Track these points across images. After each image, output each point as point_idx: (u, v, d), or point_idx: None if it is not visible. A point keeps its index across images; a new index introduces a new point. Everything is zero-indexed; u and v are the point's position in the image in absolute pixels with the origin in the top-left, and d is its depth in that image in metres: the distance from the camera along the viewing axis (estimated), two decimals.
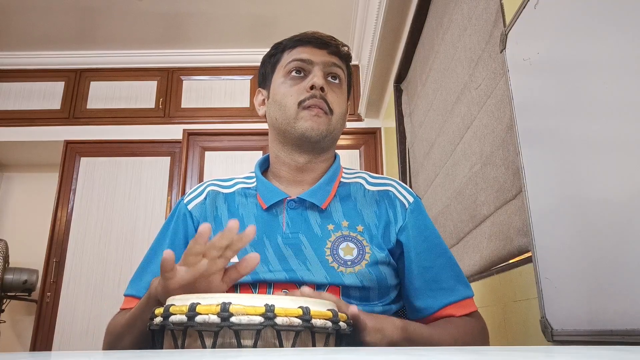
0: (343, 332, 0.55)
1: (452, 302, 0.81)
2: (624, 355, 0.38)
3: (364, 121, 3.30)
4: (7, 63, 3.45)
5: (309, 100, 0.85)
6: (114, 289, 2.94)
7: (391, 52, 2.58)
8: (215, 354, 0.42)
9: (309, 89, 0.86)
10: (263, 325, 0.49)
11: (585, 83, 0.76)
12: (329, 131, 0.87)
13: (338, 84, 0.90)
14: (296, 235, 0.83)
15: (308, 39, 0.90)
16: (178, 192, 3.14)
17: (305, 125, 0.85)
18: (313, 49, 0.89)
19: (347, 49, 0.93)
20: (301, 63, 0.88)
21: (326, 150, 0.90)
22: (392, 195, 0.89)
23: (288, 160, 0.89)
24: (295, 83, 0.88)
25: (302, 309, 0.51)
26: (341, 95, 0.91)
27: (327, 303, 0.56)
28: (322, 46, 0.90)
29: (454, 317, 0.81)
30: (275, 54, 0.94)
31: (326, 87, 0.87)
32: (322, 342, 0.53)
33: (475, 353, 0.39)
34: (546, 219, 0.90)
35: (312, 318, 0.51)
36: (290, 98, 0.86)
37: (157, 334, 0.55)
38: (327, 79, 0.89)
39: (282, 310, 0.50)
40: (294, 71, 0.89)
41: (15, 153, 3.56)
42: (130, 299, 0.84)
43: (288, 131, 0.87)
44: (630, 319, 0.66)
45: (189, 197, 0.92)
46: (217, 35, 3.29)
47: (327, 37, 0.92)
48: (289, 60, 0.90)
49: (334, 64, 0.90)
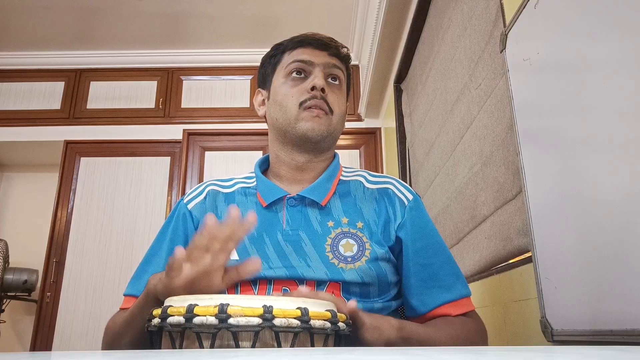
0: (342, 332, 0.55)
1: (448, 301, 0.81)
2: (624, 355, 0.38)
3: (364, 121, 3.30)
4: (7, 63, 3.45)
5: (310, 101, 0.85)
6: (114, 289, 2.94)
7: (391, 52, 2.58)
8: (215, 354, 0.42)
9: (310, 90, 0.86)
10: (261, 327, 0.48)
11: (585, 83, 0.76)
12: (329, 131, 0.87)
13: (338, 85, 0.91)
14: (296, 232, 0.83)
15: (309, 40, 0.91)
16: (178, 192, 3.14)
17: (307, 125, 0.85)
18: (314, 51, 0.90)
19: (347, 50, 0.94)
20: (302, 64, 0.89)
21: (326, 150, 0.91)
22: (392, 193, 0.89)
23: (288, 160, 0.90)
24: (296, 84, 0.88)
25: (301, 310, 0.51)
26: (341, 96, 0.91)
27: (326, 303, 0.56)
28: (323, 48, 0.90)
29: (451, 316, 0.81)
30: (275, 55, 0.94)
31: (327, 88, 0.87)
32: (320, 343, 0.53)
33: (475, 353, 0.39)
34: (546, 219, 0.90)
35: (311, 319, 0.50)
36: (291, 99, 0.87)
37: (155, 335, 0.55)
38: (328, 80, 0.90)
39: (280, 311, 0.49)
40: (295, 72, 0.89)
41: (15, 153, 3.56)
42: (130, 298, 0.84)
43: (289, 131, 0.87)
44: (630, 319, 0.66)
45: (189, 197, 0.93)
46: (217, 35, 3.29)
47: (328, 38, 0.92)
48: (289, 61, 0.90)
49: (334, 65, 0.90)
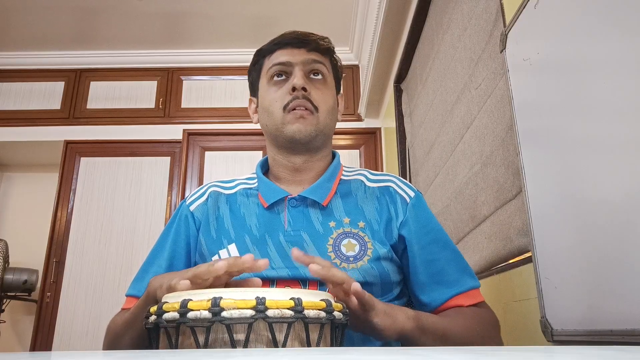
0: (338, 321, 0.55)
1: (458, 293, 0.81)
2: (624, 355, 0.38)
3: (364, 121, 3.30)
4: (7, 63, 3.45)
5: (292, 103, 0.85)
6: (114, 289, 2.94)
7: (391, 52, 2.58)
8: (214, 354, 0.42)
9: (291, 91, 0.85)
10: (254, 319, 0.49)
11: (585, 83, 0.76)
12: (317, 130, 0.86)
13: (322, 80, 0.90)
14: (298, 232, 0.83)
15: (286, 40, 0.90)
16: (178, 192, 3.14)
17: (293, 128, 0.85)
18: (292, 50, 0.89)
19: (326, 42, 0.92)
20: (281, 66, 0.88)
21: (321, 148, 0.90)
22: (393, 191, 0.89)
23: (285, 162, 0.90)
24: (279, 87, 0.88)
25: (294, 300, 0.51)
26: (326, 91, 0.90)
27: (321, 293, 0.56)
28: (301, 45, 0.89)
29: (463, 307, 0.80)
30: (258, 61, 0.94)
31: (308, 85, 0.86)
32: (316, 332, 0.53)
33: (475, 353, 0.39)
34: (546, 219, 0.90)
35: (305, 309, 0.51)
36: (275, 103, 0.87)
37: (153, 332, 0.56)
38: (310, 76, 0.88)
39: (273, 302, 0.50)
40: (275, 75, 0.89)
41: (15, 153, 3.56)
42: (132, 299, 0.85)
43: (278, 136, 0.87)
44: (630, 319, 0.66)
45: (191, 198, 0.93)
46: (217, 35, 3.29)
47: (304, 34, 0.91)
48: (269, 66, 0.90)
49: (314, 60, 0.89)
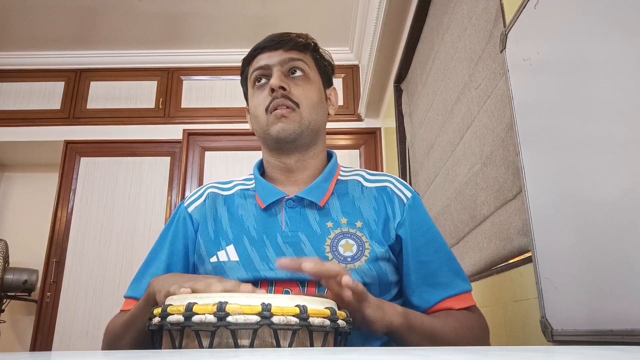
0: (342, 330, 0.55)
1: (450, 296, 0.81)
2: (624, 355, 0.38)
3: (364, 121, 3.30)
4: (7, 63, 3.45)
5: (272, 103, 0.86)
6: (114, 289, 2.94)
7: (391, 52, 2.58)
8: (214, 354, 0.42)
9: (271, 92, 0.86)
10: (259, 325, 0.49)
11: (585, 83, 0.76)
12: (302, 126, 0.86)
13: (302, 76, 0.90)
14: (295, 233, 0.83)
15: (263, 44, 0.91)
16: (178, 192, 3.14)
17: (276, 128, 0.85)
18: (269, 53, 0.90)
19: (304, 39, 0.92)
20: (261, 70, 0.90)
21: (311, 145, 0.90)
22: (390, 191, 0.89)
23: (278, 164, 0.91)
24: (261, 91, 0.89)
25: (299, 307, 0.51)
26: (308, 86, 0.89)
27: (326, 301, 0.56)
28: (277, 46, 0.90)
29: (453, 309, 0.81)
30: (244, 70, 0.96)
31: (287, 84, 0.86)
32: (320, 340, 0.53)
33: (475, 353, 0.39)
34: (546, 219, 0.90)
35: (310, 317, 0.51)
36: (259, 107, 0.88)
37: (156, 334, 0.56)
38: (289, 75, 0.89)
39: (278, 309, 0.50)
40: (257, 80, 0.90)
41: (15, 153, 3.56)
42: (130, 300, 0.85)
43: (266, 138, 0.88)
44: (630, 319, 0.66)
45: (189, 200, 0.94)
46: (217, 35, 3.28)
47: (280, 35, 0.91)
48: (251, 72, 0.92)
49: (291, 59, 0.89)
